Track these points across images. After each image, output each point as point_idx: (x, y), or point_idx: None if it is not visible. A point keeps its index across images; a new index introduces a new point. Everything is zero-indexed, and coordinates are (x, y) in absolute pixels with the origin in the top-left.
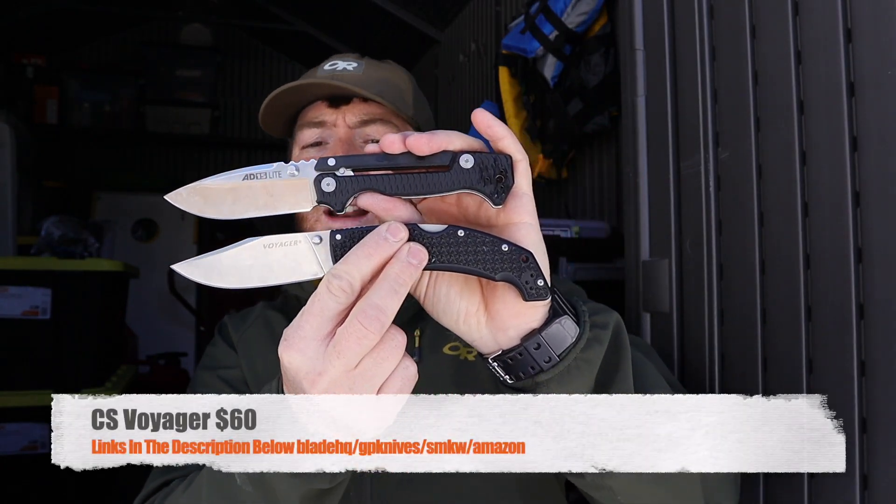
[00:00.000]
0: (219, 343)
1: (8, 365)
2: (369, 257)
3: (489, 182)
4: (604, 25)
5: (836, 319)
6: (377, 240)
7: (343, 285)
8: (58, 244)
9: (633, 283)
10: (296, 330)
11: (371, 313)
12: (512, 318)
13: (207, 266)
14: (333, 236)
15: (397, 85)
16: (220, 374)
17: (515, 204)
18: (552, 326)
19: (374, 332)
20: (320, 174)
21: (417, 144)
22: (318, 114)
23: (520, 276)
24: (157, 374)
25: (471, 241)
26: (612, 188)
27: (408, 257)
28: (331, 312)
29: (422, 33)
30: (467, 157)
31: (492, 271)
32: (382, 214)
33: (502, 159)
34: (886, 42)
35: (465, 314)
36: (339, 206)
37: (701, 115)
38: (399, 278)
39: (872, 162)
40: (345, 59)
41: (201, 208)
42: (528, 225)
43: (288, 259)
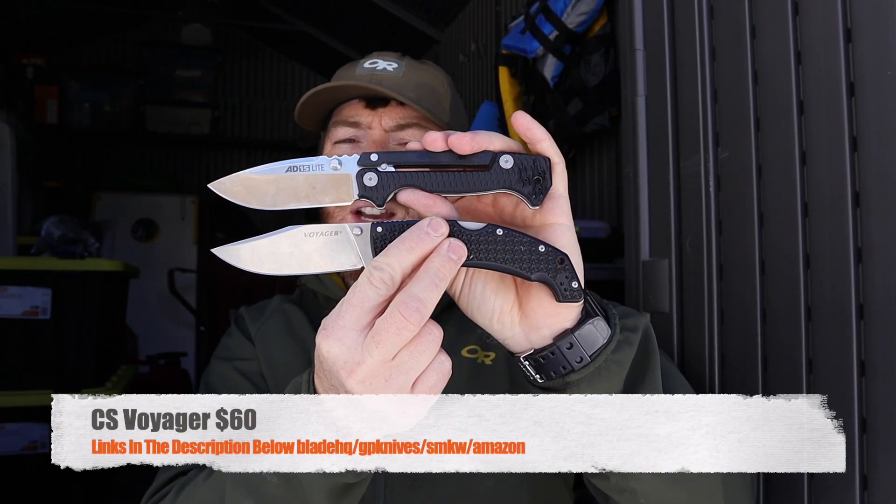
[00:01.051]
0: (235, 334)
1: (8, 365)
2: (411, 250)
3: (527, 183)
4: (604, 25)
5: (836, 319)
6: (419, 234)
7: (384, 277)
8: (58, 244)
9: (633, 283)
10: (335, 319)
11: (412, 304)
12: (546, 318)
13: (248, 251)
14: (374, 228)
15: (436, 89)
16: (237, 366)
17: (552, 205)
18: (585, 327)
19: (414, 323)
20: (363, 169)
21: (459, 143)
22: (354, 113)
23: (555, 278)
24: (157, 374)
25: (509, 240)
26: (612, 188)
27: (448, 252)
28: (371, 303)
29: (422, 33)
30: (507, 157)
31: (528, 271)
32: (422, 210)
33: (541, 161)
34: (886, 42)
35: (500, 312)
36: (379, 201)
37: (701, 115)
38: (439, 272)
39: (872, 162)
40: (385, 59)
41: (244, 198)
42: (563, 226)
43: (327, 248)
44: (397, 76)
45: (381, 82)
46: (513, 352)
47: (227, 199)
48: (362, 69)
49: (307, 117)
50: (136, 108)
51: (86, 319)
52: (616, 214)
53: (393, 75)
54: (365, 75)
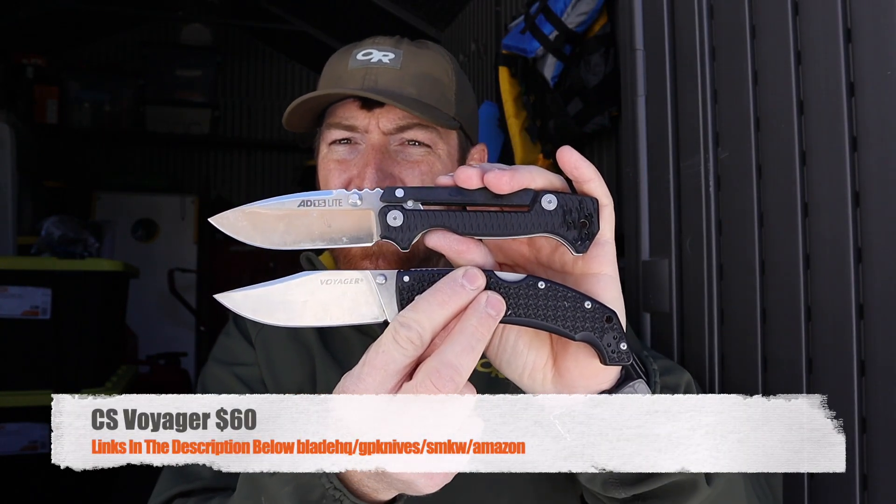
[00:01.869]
0: (234, 335)
1: (8, 365)
2: (443, 305)
3: (572, 227)
4: (604, 25)
5: (836, 319)
6: (453, 286)
7: (412, 336)
8: (58, 244)
9: (633, 283)
10: (356, 382)
11: (445, 374)
12: (582, 379)
13: (255, 299)
14: (401, 277)
15: (439, 79)
16: (236, 372)
17: (598, 252)
18: (624, 390)
19: (448, 392)
20: (386, 205)
21: (498, 183)
22: (349, 115)
23: (601, 338)
24: (157, 374)
25: (551, 294)
26: (612, 188)
27: (486, 308)
28: (397, 366)
29: (422, 33)
30: (550, 197)
31: (572, 330)
32: (454, 257)
33: (588, 202)
34: (886, 42)
35: (532, 369)
36: (404, 244)
37: (701, 115)
38: (476, 332)
39: (872, 162)
40: (380, 48)
41: (249, 234)
42: (608, 277)
43: (346, 299)
44: (394, 69)
45: (376, 79)
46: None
47: (230, 236)
48: (355, 62)
49: (297, 122)
50: (136, 108)
51: (86, 319)
52: (616, 214)
53: (390, 69)
54: (358, 71)
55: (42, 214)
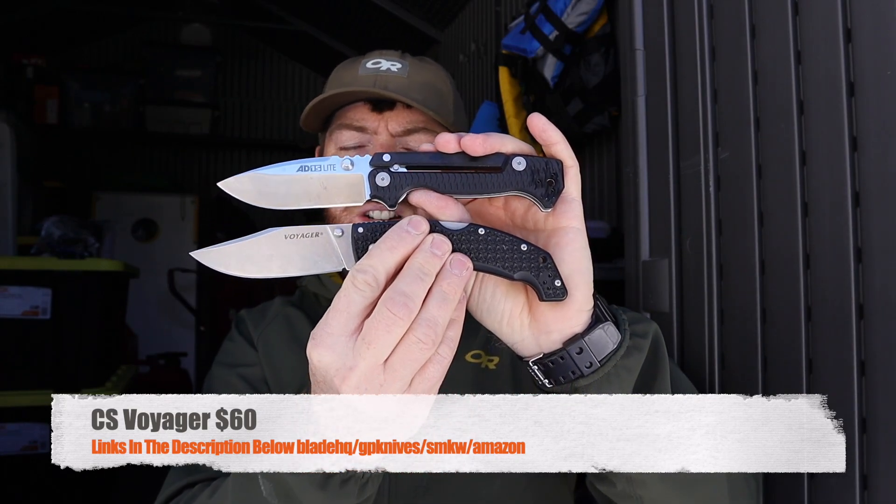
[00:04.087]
0: (237, 339)
1: (8, 365)
2: (392, 249)
3: (540, 185)
4: (604, 25)
5: (836, 319)
6: (399, 233)
7: (368, 279)
8: (58, 244)
9: (633, 283)
10: (323, 327)
11: (399, 300)
12: (556, 322)
13: (226, 254)
14: (356, 229)
15: (440, 90)
16: (241, 373)
17: (564, 208)
18: (595, 332)
19: (403, 318)
20: (375, 169)
21: (472, 145)
22: (360, 117)
23: (537, 276)
24: (157, 374)
25: (490, 239)
26: (612, 188)
27: (431, 248)
28: (357, 307)
29: (422, 33)
30: (519, 159)
31: (510, 270)
32: (434, 212)
33: (553, 163)
34: (886, 42)
35: (510, 316)
36: (391, 202)
37: (701, 115)
38: (423, 266)
39: (872, 162)
40: (388, 58)
41: (254, 197)
42: (575, 230)
43: (308, 251)
44: (402, 77)
45: (386, 85)
46: (521, 356)
47: (236, 197)
48: (365, 69)
49: (310, 122)
50: (136, 108)
51: (86, 319)
52: (616, 214)
53: (398, 76)
54: (369, 76)
55: (42, 214)
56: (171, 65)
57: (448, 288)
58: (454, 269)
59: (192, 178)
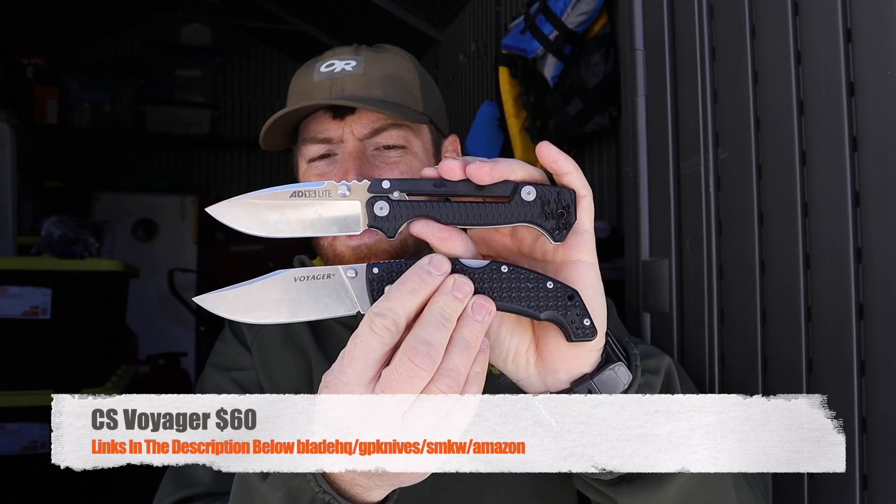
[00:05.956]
0: (230, 340)
1: (8, 365)
2: (413, 292)
3: (550, 217)
4: (604, 25)
5: (836, 319)
6: (420, 274)
7: (388, 324)
8: (58, 244)
9: (633, 283)
10: (338, 375)
11: (421, 350)
12: (563, 362)
13: (232, 299)
14: (370, 270)
15: (402, 78)
16: (234, 377)
17: (576, 241)
18: (605, 373)
19: (426, 369)
20: (373, 197)
21: (479, 174)
22: (322, 128)
23: (565, 315)
24: (157, 374)
25: (514, 277)
26: (612, 188)
27: (453, 290)
28: (376, 355)
29: (422, 33)
30: (529, 188)
31: (536, 309)
32: (436, 244)
33: (566, 194)
34: (886, 42)
35: (515, 353)
36: (390, 232)
37: (701, 115)
38: (445, 312)
39: (872, 162)
40: (342, 58)
41: (245, 224)
42: (587, 264)
43: (320, 294)
44: (359, 75)
45: (343, 87)
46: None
47: (226, 225)
48: (320, 75)
49: (273, 141)
50: (136, 108)
51: (86, 319)
52: (616, 214)
53: (354, 76)
54: (324, 83)
55: (42, 214)
56: (170, 65)
57: (470, 336)
58: (476, 314)
59: (192, 178)
